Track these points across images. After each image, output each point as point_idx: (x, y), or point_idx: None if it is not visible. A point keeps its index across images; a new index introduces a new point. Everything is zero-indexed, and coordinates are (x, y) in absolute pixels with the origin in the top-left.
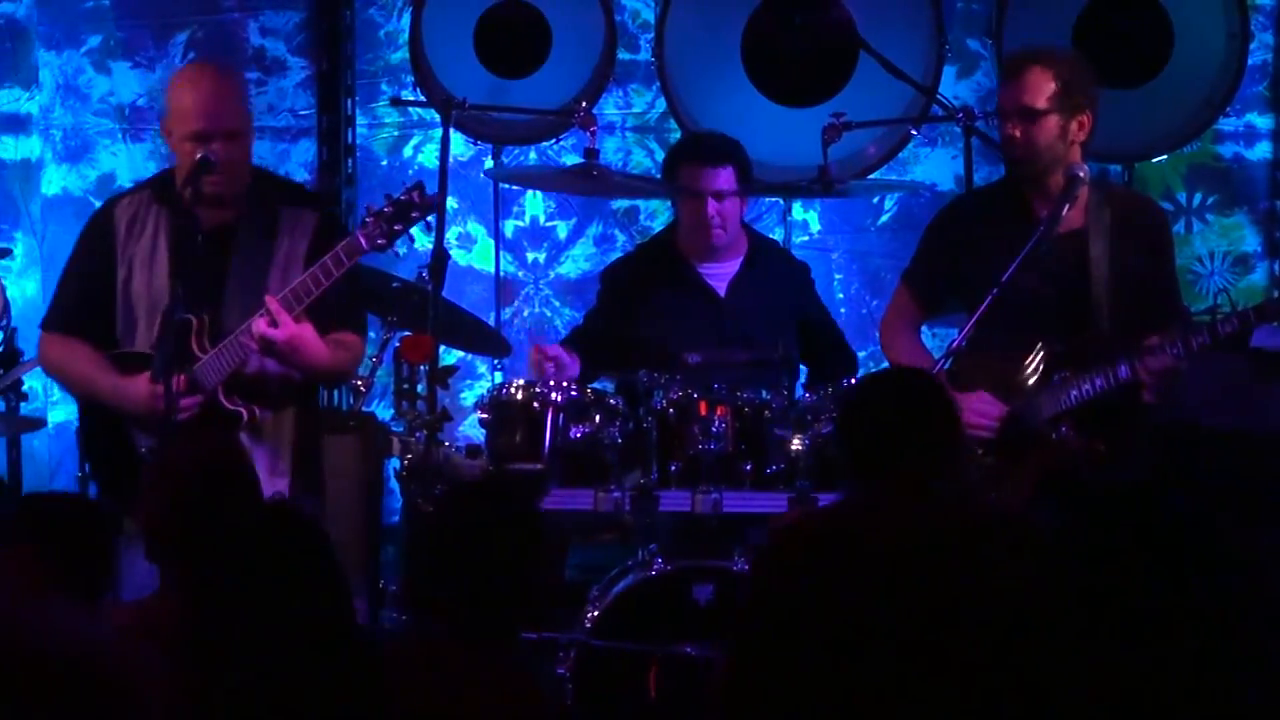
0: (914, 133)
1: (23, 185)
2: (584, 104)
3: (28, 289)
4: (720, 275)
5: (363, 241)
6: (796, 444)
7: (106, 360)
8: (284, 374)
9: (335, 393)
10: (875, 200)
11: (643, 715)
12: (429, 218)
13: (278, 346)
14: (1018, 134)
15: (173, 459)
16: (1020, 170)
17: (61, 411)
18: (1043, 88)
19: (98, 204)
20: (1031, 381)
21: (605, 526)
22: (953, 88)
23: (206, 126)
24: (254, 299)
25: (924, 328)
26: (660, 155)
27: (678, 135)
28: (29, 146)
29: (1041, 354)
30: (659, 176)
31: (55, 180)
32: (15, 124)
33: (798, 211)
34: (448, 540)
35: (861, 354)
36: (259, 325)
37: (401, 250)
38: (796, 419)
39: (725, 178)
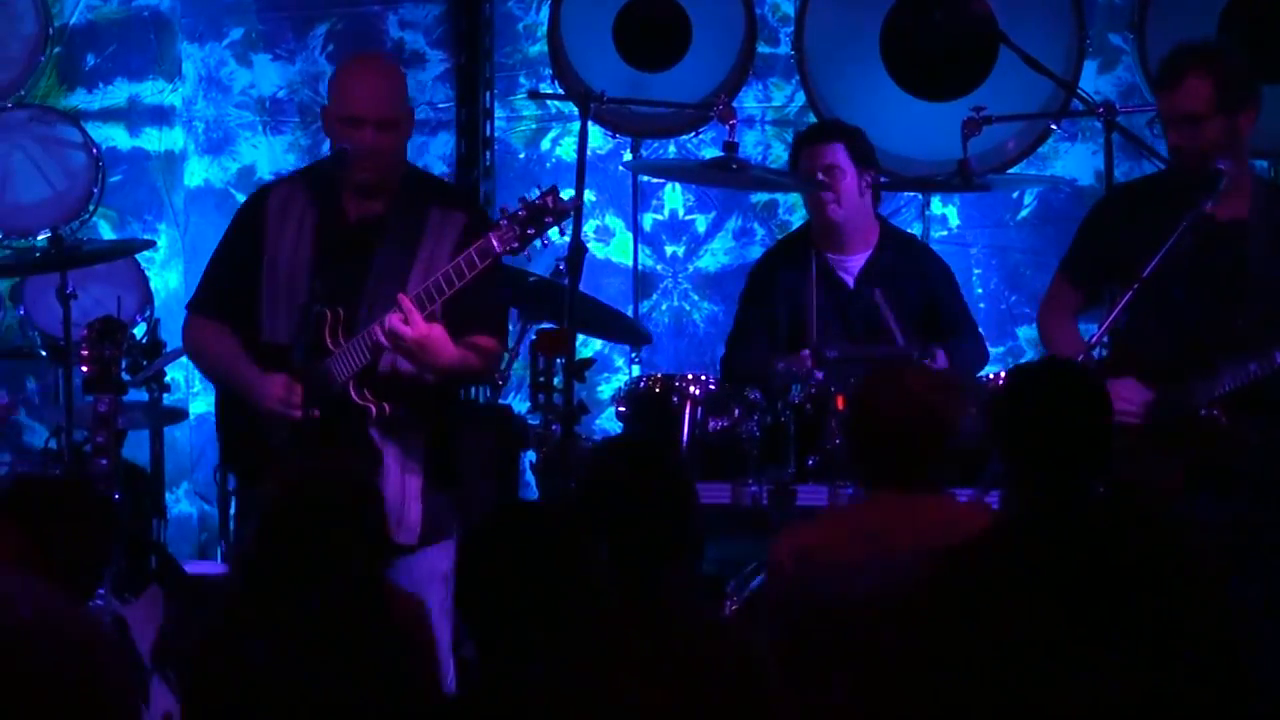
0: (1054, 127)
1: (166, 177)
2: (723, 97)
3: (170, 280)
4: (849, 267)
5: (495, 244)
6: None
7: (246, 350)
8: (417, 371)
9: (473, 385)
10: (1015, 195)
11: None
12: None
13: (406, 344)
14: (1184, 142)
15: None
16: (1191, 178)
17: (203, 402)
18: (1201, 93)
19: (239, 196)
20: (1182, 368)
21: (743, 521)
22: (1094, 82)
23: (361, 111)
24: (392, 296)
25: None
26: None
27: None
28: (172, 138)
29: (1192, 340)
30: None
31: (197, 172)
32: (159, 116)
33: (936, 206)
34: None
35: (999, 349)
36: (391, 320)
37: (538, 244)
38: None
39: (834, 153)
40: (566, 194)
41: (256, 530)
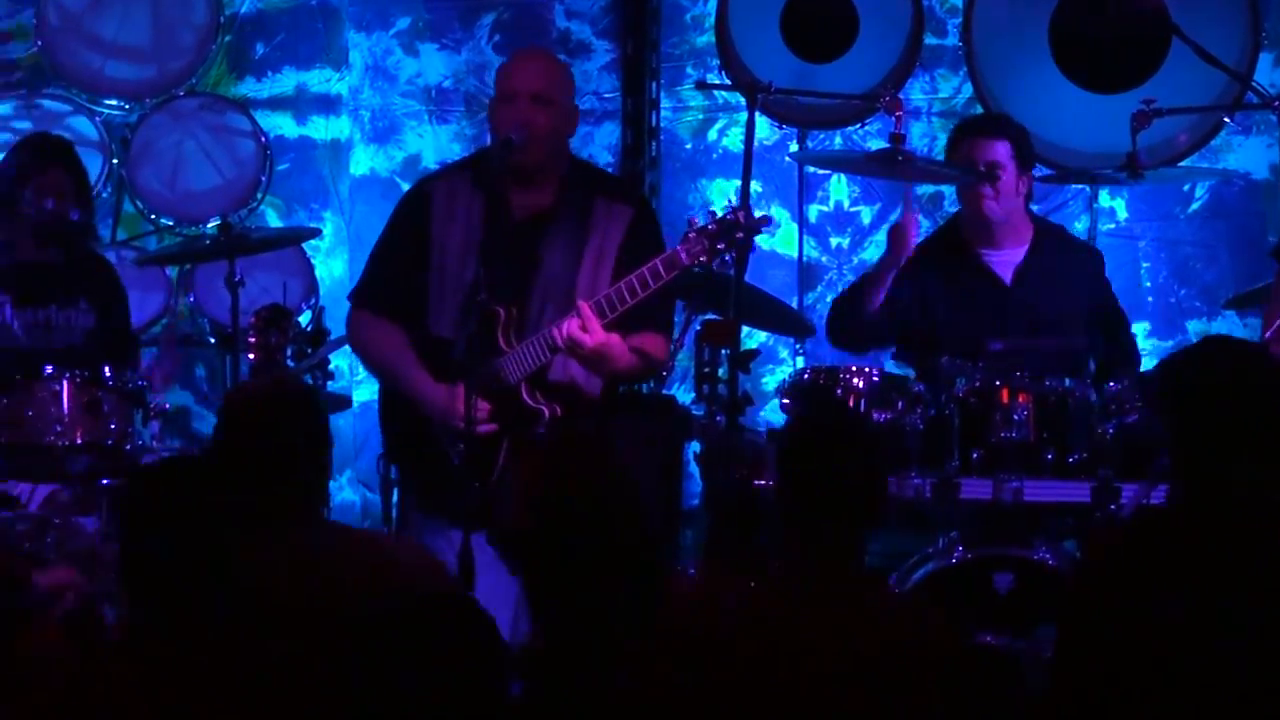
0: (1227, 120)
1: (332, 166)
2: (890, 89)
3: (335, 269)
4: (1005, 263)
5: (684, 257)
6: (1101, 432)
7: (412, 350)
8: (588, 376)
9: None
10: (1185, 188)
11: None
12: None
13: (584, 351)
14: None
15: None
16: None
17: (366, 390)
18: None
19: (404, 185)
20: None
21: (905, 514)
22: (1269, 75)
23: (514, 84)
24: (562, 293)
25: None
26: None
27: None
28: (338, 127)
29: None
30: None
31: (363, 161)
32: (325, 105)
33: (1104, 199)
34: None
35: (1168, 343)
36: (570, 327)
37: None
38: (1101, 407)
39: (1000, 150)
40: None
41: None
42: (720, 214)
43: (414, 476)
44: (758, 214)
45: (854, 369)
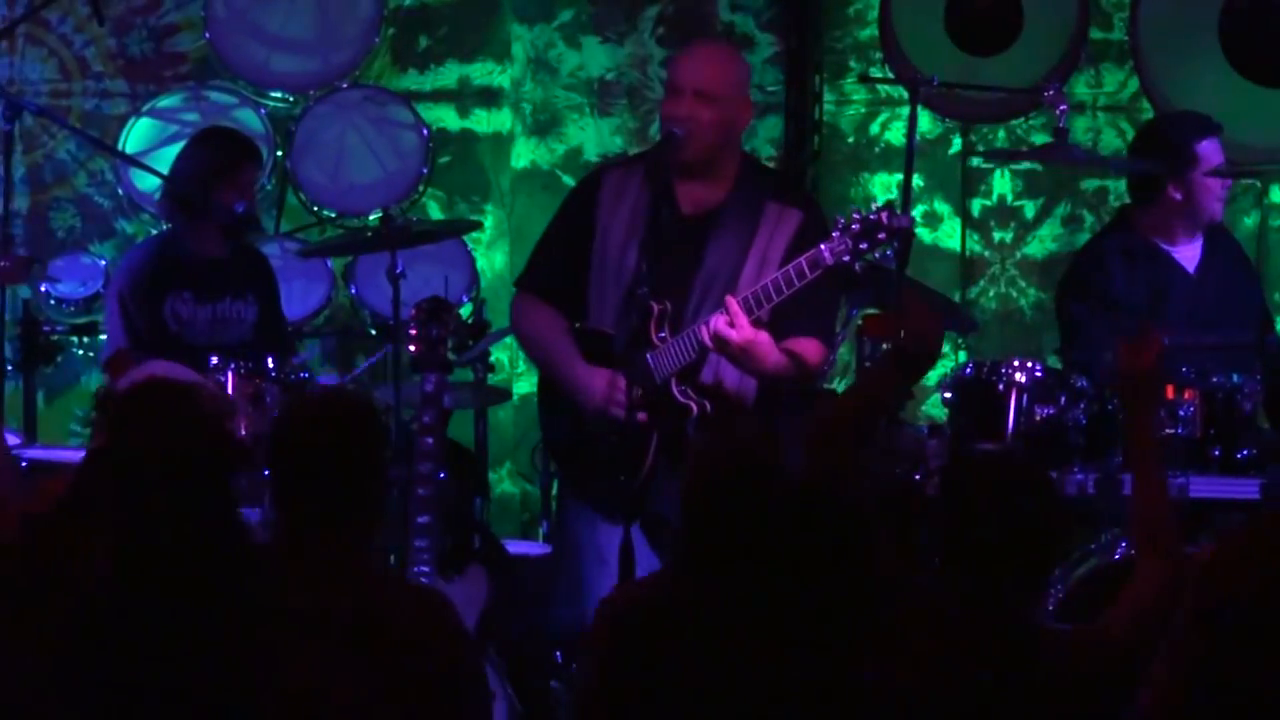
0: None
1: (493, 158)
2: (1054, 83)
3: (496, 261)
4: (1187, 258)
5: (827, 256)
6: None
7: (572, 338)
8: (740, 375)
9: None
10: None
11: None
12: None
13: (731, 348)
14: None
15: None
16: None
17: (526, 383)
18: None
19: (566, 178)
20: None
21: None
22: None
23: (679, 78)
24: (721, 292)
25: None
26: (1132, 136)
27: (1149, 116)
28: (500, 120)
29: None
30: (1134, 156)
31: (524, 154)
32: (487, 97)
33: (1275, 194)
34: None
35: None
36: (717, 323)
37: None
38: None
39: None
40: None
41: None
42: (866, 213)
43: (571, 469)
44: (904, 216)
45: (1016, 363)
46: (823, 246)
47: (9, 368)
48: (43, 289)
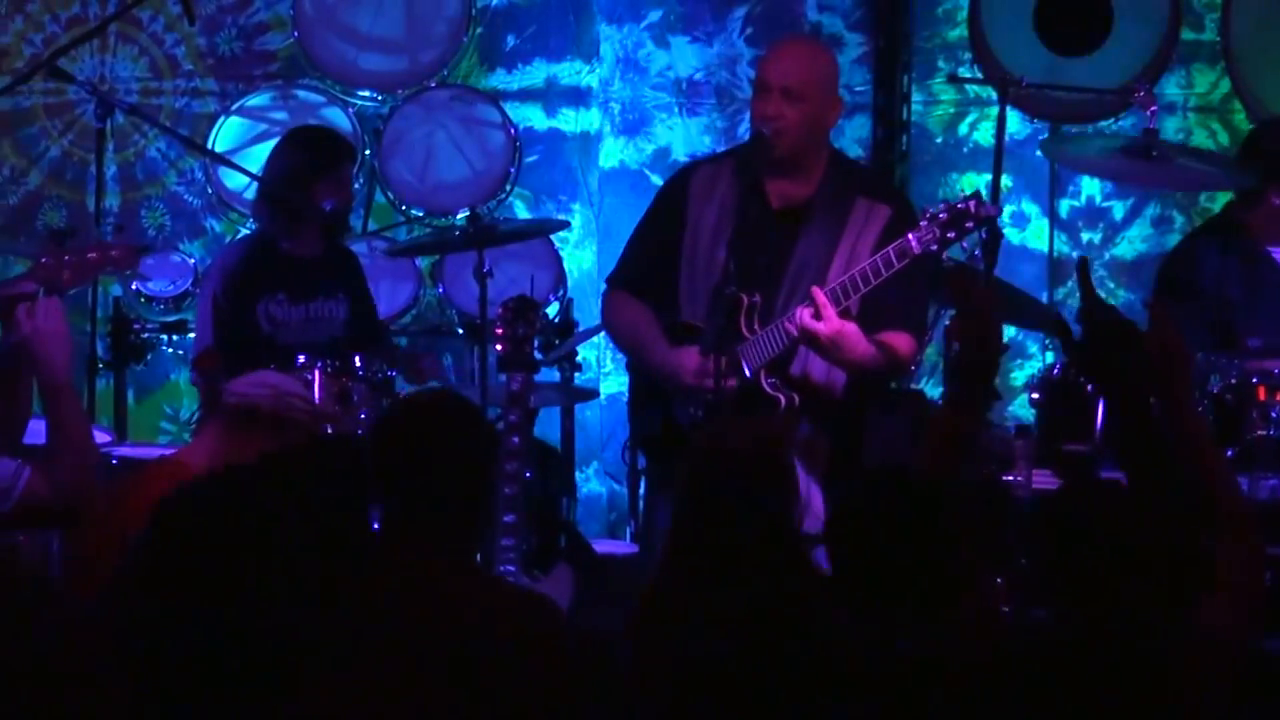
0: None
1: (581, 158)
2: (1145, 83)
3: (584, 261)
4: None
5: (914, 245)
6: None
7: (661, 329)
8: (828, 367)
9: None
10: None
11: None
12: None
13: (819, 340)
14: None
15: (716, 439)
16: None
17: (614, 382)
18: None
19: (654, 178)
20: None
21: None
22: None
23: (768, 77)
24: (809, 286)
25: None
26: (1224, 137)
27: (1242, 117)
28: (588, 119)
29: None
30: (1230, 158)
31: (613, 153)
32: (576, 97)
33: None
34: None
35: None
36: (803, 316)
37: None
38: None
39: None
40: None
41: (675, 507)
42: (953, 202)
43: (660, 466)
44: (992, 204)
45: None
46: (910, 236)
47: (100, 365)
48: (133, 287)
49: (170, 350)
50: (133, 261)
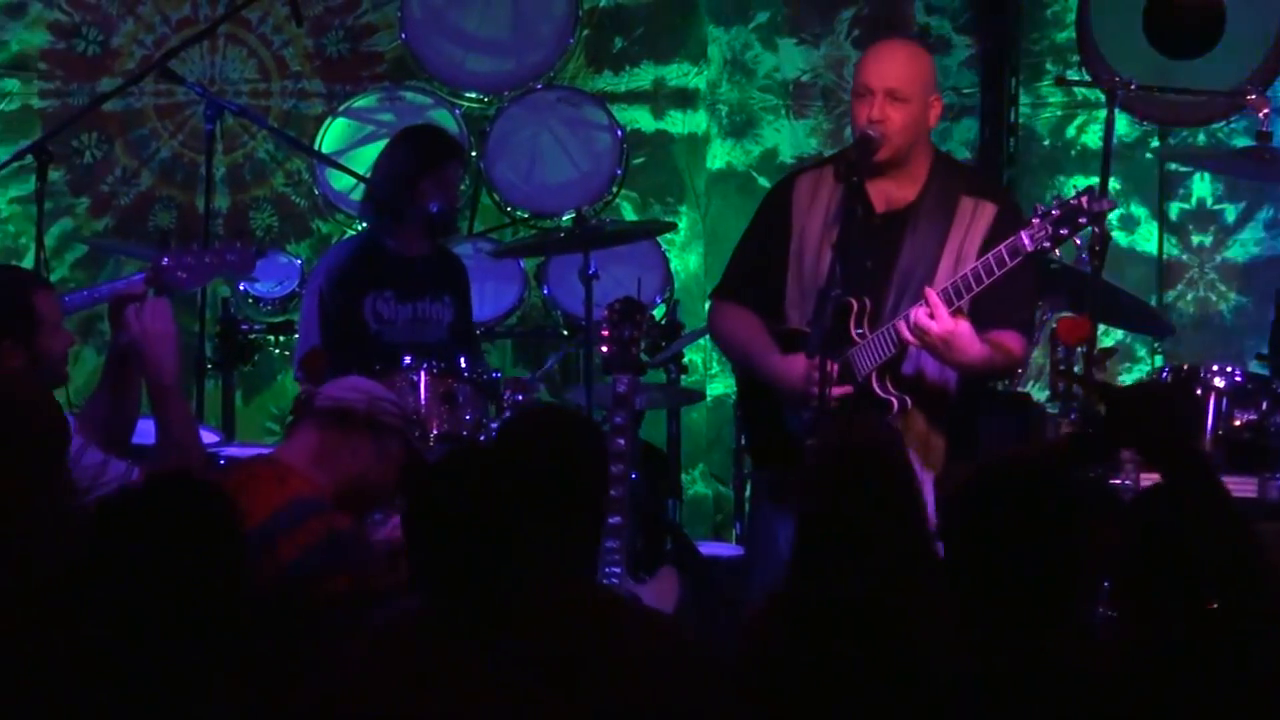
0: None
1: (689, 160)
2: (1257, 86)
3: (690, 263)
4: None
5: (1027, 243)
6: None
7: (769, 334)
8: (941, 368)
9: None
10: None
11: None
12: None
13: (931, 339)
14: None
15: (833, 441)
16: None
17: (720, 384)
18: None
19: (761, 180)
20: None
21: (1270, 515)
22: None
23: (870, 79)
24: (918, 288)
25: None
26: None
27: None
28: (695, 121)
29: None
30: None
31: (720, 155)
32: (683, 99)
33: None
34: None
35: None
36: (917, 315)
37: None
38: None
39: None
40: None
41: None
42: (1066, 198)
43: (767, 470)
44: (1105, 199)
45: (1215, 368)
46: (1023, 233)
47: (208, 366)
48: (241, 288)
49: (277, 351)
50: (249, 266)
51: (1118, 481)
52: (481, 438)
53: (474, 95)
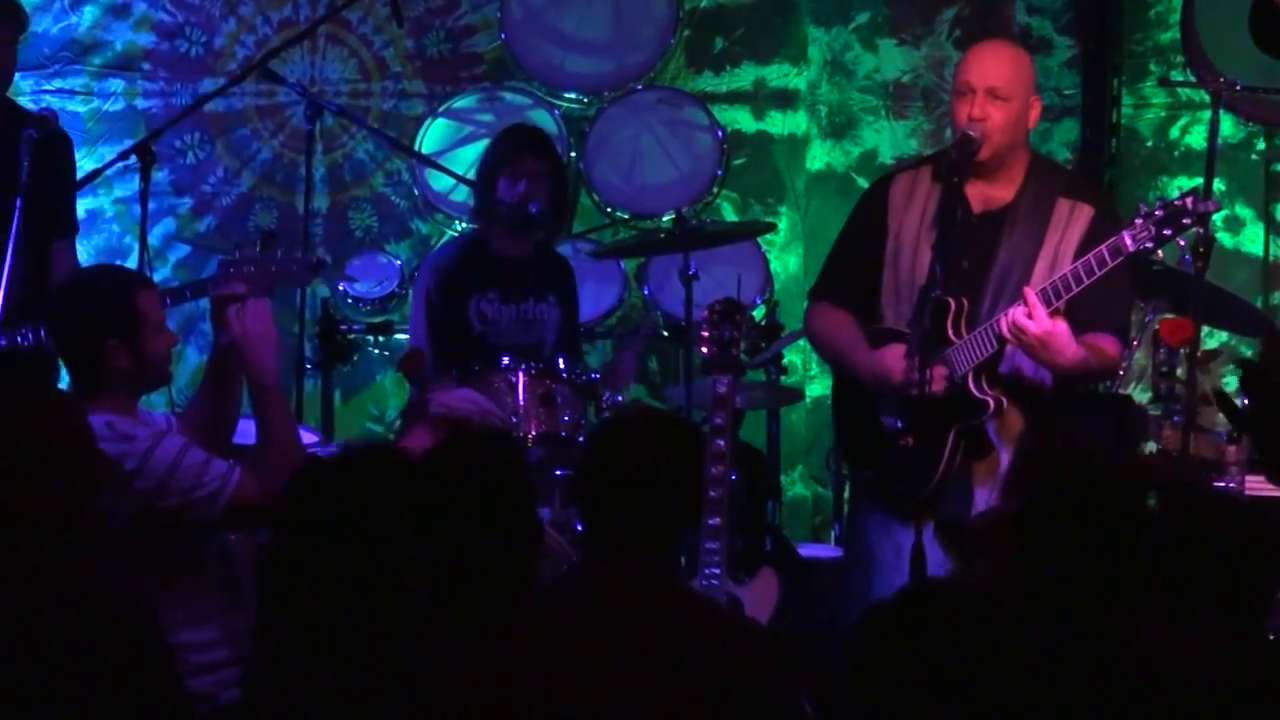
0: None
1: (788, 160)
2: None
3: (790, 263)
4: None
5: (1129, 243)
6: None
7: (865, 334)
8: (1037, 368)
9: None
10: None
11: None
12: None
13: (1029, 339)
14: None
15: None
16: None
17: (819, 385)
18: None
19: (860, 180)
20: None
21: None
22: None
23: (971, 79)
24: (1015, 288)
25: None
26: None
27: None
28: (795, 122)
29: None
30: None
31: (819, 156)
32: (783, 99)
33: None
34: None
35: None
36: (1015, 314)
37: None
38: None
39: None
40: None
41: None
42: (1170, 199)
43: (864, 470)
44: (1210, 200)
45: None
46: (1125, 233)
47: (307, 366)
48: (340, 288)
49: (376, 351)
50: (307, 281)
51: (1222, 485)
52: (580, 439)
53: (573, 96)
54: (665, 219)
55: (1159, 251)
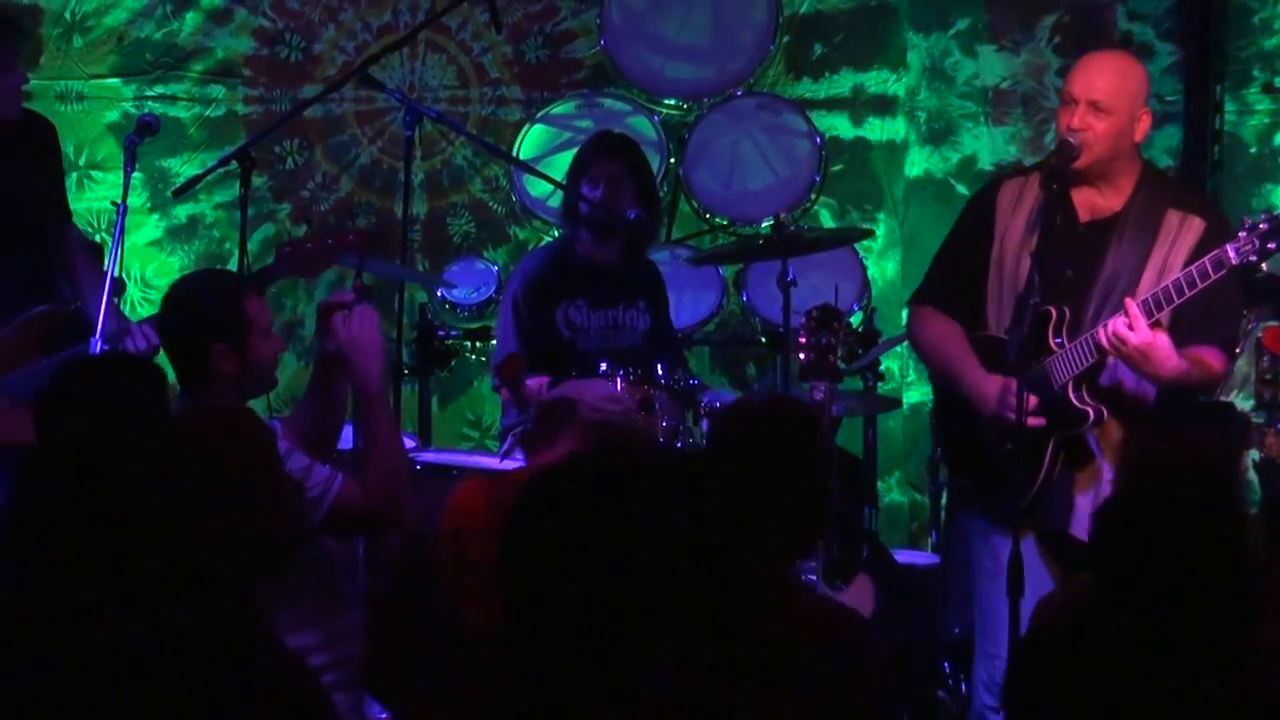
0: None
1: (887, 167)
2: None
3: (887, 270)
4: None
5: (1232, 256)
6: None
7: (970, 345)
8: (1138, 379)
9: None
10: None
11: None
12: None
13: (1128, 350)
14: None
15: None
16: None
17: (916, 392)
18: None
19: (959, 187)
20: None
21: None
22: None
23: (1075, 90)
24: (1119, 299)
25: None
26: None
27: None
28: (894, 128)
29: None
30: None
31: (918, 162)
32: (882, 105)
33: None
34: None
35: None
36: (1115, 325)
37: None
38: None
39: None
40: None
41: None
42: (1275, 213)
43: (963, 479)
44: None
45: None
46: (1228, 246)
47: (405, 372)
48: (439, 294)
49: (473, 357)
50: (367, 247)
51: None
52: (679, 444)
53: (673, 102)
54: (764, 225)
55: (1263, 265)
